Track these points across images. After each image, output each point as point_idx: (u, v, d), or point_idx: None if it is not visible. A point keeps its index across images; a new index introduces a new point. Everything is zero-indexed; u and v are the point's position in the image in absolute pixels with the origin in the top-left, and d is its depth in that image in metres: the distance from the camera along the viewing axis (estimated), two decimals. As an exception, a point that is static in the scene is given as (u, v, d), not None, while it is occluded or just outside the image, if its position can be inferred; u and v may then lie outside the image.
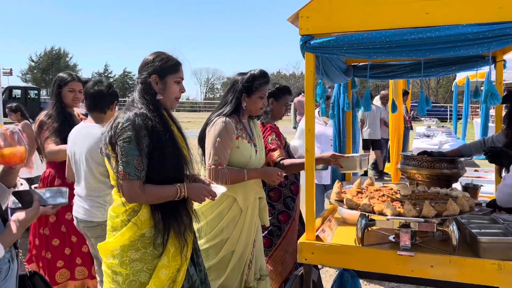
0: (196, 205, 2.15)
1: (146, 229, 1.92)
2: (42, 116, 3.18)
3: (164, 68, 2.00)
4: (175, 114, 2.16)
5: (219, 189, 2.15)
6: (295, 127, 12.70)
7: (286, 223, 3.02)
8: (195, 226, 2.24)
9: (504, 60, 2.87)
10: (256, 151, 2.61)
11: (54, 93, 3.20)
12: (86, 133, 2.69)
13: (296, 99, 12.99)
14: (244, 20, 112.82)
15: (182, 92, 2.10)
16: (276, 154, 2.85)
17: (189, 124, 19.17)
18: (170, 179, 1.94)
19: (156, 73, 2.00)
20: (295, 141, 4.14)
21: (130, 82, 56.90)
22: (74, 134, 2.75)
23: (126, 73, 58.12)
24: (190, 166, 2.12)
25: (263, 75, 2.60)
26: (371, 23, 1.84)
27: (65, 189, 1.78)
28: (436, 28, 1.72)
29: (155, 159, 1.89)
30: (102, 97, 2.74)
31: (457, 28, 1.70)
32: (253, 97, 2.57)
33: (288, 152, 3.13)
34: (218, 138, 2.45)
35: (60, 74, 3.31)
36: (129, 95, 2.24)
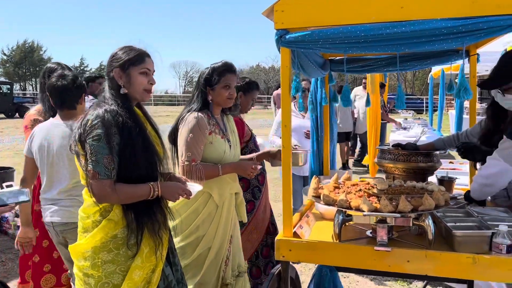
0: (170, 203, 2.11)
1: (119, 229, 1.86)
2: (33, 112, 3.02)
3: (126, 60, 1.94)
4: (152, 108, 2.12)
5: (195, 187, 2.11)
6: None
7: (251, 212, 3.11)
8: (170, 224, 2.20)
9: (477, 54, 2.90)
10: (230, 146, 2.59)
11: (43, 85, 2.93)
12: (63, 132, 2.57)
13: (275, 93, 12.97)
14: (223, 13, 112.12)
15: (152, 83, 2.02)
16: None
17: (168, 118, 18.95)
18: (143, 177, 1.89)
19: (118, 66, 1.94)
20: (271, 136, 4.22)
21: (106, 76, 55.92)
22: (46, 132, 2.61)
23: (103, 67, 57.02)
24: (165, 164, 2.08)
25: (223, 65, 2.58)
26: (346, 17, 1.82)
27: (26, 190, 1.74)
28: (410, 23, 1.71)
29: (126, 156, 1.84)
30: (68, 92, 2.59)
31: (431, 22, 1.69)
32: (216, 88, 2.55)
33: (254, 144, 3.19)
34: (190, 134, 2.43)
35: (48, 65, 3.09)
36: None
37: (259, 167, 2.58)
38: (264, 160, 3.01)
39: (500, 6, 1.64)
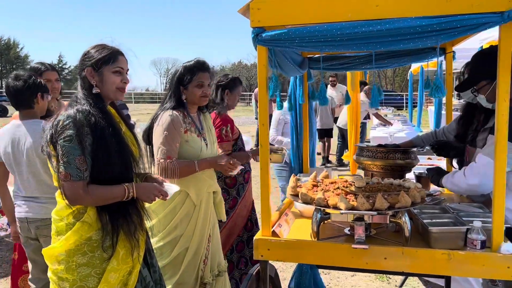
0: (147, 204, 2.08)
1: (93, 232, 1.83)
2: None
3: (98, 59, 1.90)
4: (133, 106, 2.09)
5: (171, 188, 2.08)
6: (257, 118, 12.73)
7: (233, 208, 3.17)
8: (147, 224, 2.17)
9: (453, 51, 2.94)
10: (206, 145, 2.57)
11: None
12: (32, 130, 2.54)
13: (256, 90, 13.02)
14: (204, 9, 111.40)
15: (125, 82, 1.99)
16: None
17: (148, 116, 18.63)
18: (117, 178, 1.85)
19: (90, 65, 1.90)
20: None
21: (86, 73, 54.98)
22: (12, 133, 2.58)
23: (81, 64, 56.08)
24: (140, 164, 2.04)
25: (196, 63, 2.58)
26: (323, 15, 1.81)
27: None
28: (386, 21, 1.71)
29: (99, 157, 1.80)
30: (21, 93, 2.56)
31: (406, 21, 1.69)
32: (189, 87, 2.55)
33: (241, 142, 3.21)
34: (165, 132, 2.41)
35: (33, 65, 3.10)
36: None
37: (238, 164, 2.58)
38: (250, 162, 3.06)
39: (474, 5, 1.66)
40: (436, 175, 2.45)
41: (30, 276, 2.74)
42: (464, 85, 2.30)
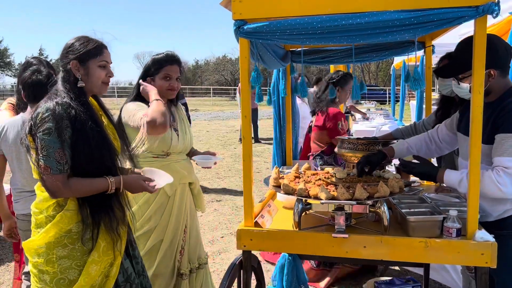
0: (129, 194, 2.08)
1: (73, 224, 1.82)
2: (11, 100, 2.98)
3: (84, 53, 1.88)
4: (116, 100, 2.09)
5: (164, 178, 2.10)
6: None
7: None
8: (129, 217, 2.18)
9: (432, 45, 3.00)
10: (178, 135, 2.58)
11: (19, 79, 2.86)
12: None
13: (240, 84, 13.00)
14: (189, 2, 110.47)
15: (110, 76, 1.98)
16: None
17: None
18: (99, 171, 1.85)
19: (76, 58, 1.88)
20: None
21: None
22: (19, 127, 2.53)
23: (63, 58, 55.17)
24: (122, 157, 2.04)
25: (164, 56, 2.58)
26: (303, 8, 1.84)
27: None
28: (365, 14, 1.75)
29: (79, 150, 1.79)
30: (42, 87, 2.49)
31: (385, 14, 1.73)
32: (156, 79, 2.54)
33: None
34: (136, 108, 2.41)
35: (28, 59, 3.03)
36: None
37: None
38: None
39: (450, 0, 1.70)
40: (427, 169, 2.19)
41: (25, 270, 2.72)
42: (447, 71, 2.22)
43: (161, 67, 2.53)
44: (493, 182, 1.88)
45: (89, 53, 1.89)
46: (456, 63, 2.12)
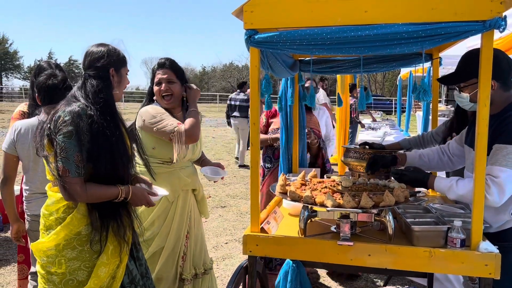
0: None
1: (83, 226, 1.87)
2: (23, 108, 3.02)
3: (118, 61, 1.98)
4: (123, 105, 2.16)
5: (160, 191, 2.16)
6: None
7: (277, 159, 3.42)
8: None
9: (440, 57, 3.03)
10: (187, 146, 2.62)
11: (32, 83, 2.94)
12: None
13: (248, 91, 13.05)
14: (197, 9, 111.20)
15: (128, 83, 2.10)
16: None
17: (139, 115, 18.66)
18: (112, 178, 1.90)
19: (113, 66, 1.96)
20: None
21: (76, 70, 54.55)
22: (33, 130, 2.59)
23: (72, 61, 55.64)
24: (132, 164, 2.10)
25: (157, 63, 2.68)
26: (313, 19, 1.88)
27: None
28: (373, 26, 1.78)
29: (97, 155, 1.84)
30: (58, 91, 2.63)
31: (393, 27, 1.76)
32: (153, 87, 2.65)
33: None
34: (158, 114, 2.50)
35: (40, 63, 3.13)
36: (75, 84, 2.13)
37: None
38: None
39: (457, 14, 1.74)
40: (417, 176, 2.23)
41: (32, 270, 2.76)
42: (451, 79, 2.25)
43: (154, 75, 2.65)
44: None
45: (122, 62, 2.00)
46: (457, 72, 2.19)
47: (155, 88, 2.61)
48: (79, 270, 1.87)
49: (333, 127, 7.39)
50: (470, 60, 2.15)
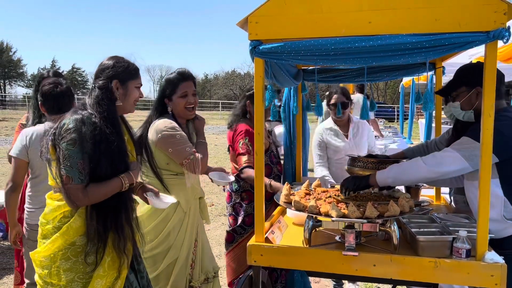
0: (138, 213, 2.15)
1: (77, 237, 1.86)
2: (22, 121, 3.11)
3: (125, 73, 1.99)
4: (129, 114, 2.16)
5: (167, 199, 2.17)
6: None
7: (251, 226, 3.02)
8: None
9: (443, 66, 3.04)
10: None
11: (35, 93, 2.96)
12: None
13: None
14: (199, 17, 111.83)
15: (141, 97, 2.11)
16: (243, 159, 2.89)
17: (141, 123, 18.70)
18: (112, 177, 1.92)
19: (117, 78, 1.97)
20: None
21: (79, 78, 54.84)
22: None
23: (75, 69, 56.01)
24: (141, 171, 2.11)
25: (178, 74, 2.63)
26: (318, 30, 1.89)
27: None
28: (377, 37, 1.79)
29: (99, 163, 1.85)
30: (65, 98, 2.70)
31: (397, 37, 1.78)
32: (174, 99, 2.60)
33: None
34: (177, 134, 2.47)
35: (42, 72, 3.19)
36: (78, 92, 2.17)
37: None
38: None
39: (461, 25, 1.75)
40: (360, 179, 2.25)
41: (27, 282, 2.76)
42: (444, 90, 2.36)
43: (176, 86, 2.59)
44: (418, 162, 2.07)
45: (130, 75, 2.00)
46: (449, 84, 2.28)
47: (180, 100, 2.58)
48: (73, 281, 1.85)
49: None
50: (461, 71, 2.27)
